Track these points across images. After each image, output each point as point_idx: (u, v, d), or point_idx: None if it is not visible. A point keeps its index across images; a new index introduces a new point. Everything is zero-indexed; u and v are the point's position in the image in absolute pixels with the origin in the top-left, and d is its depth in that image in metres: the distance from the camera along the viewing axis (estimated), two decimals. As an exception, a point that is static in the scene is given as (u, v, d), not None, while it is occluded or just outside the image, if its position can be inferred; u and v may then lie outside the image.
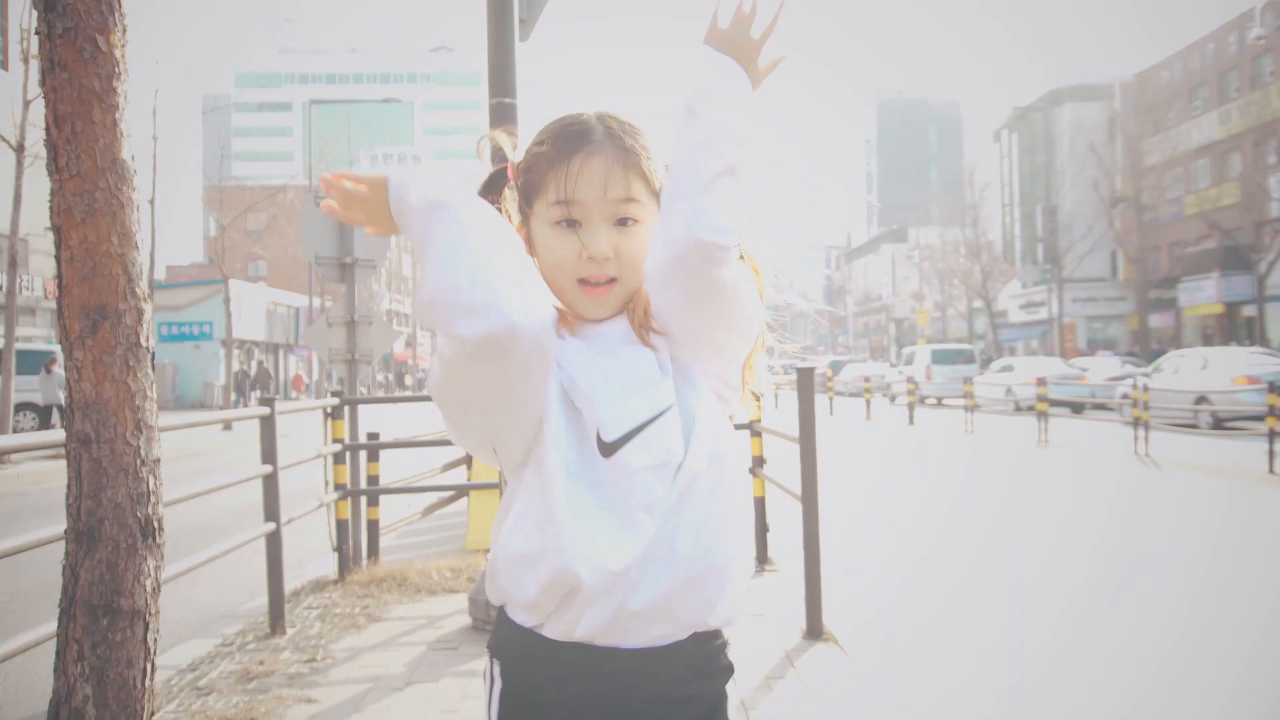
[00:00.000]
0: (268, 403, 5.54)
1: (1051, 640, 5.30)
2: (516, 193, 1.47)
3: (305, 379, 49.00)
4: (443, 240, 1.29)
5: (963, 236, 53.64)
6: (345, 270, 7.23)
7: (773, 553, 7.12)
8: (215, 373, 39.78)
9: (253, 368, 44.15)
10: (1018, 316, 54.01)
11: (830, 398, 29.86)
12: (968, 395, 21.38)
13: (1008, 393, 26.76)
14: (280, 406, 5.75)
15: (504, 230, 1.34)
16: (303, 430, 17.53)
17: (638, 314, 1.41)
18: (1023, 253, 52.87)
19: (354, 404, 7.01)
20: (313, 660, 5.00)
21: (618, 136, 1.41)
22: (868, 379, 27.64)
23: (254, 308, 44.32)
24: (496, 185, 1.50)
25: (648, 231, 1.39)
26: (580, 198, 1.37)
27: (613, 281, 1.40)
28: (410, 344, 67.46)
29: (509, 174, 1.48)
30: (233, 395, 34.08)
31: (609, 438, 1.34)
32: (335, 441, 6.82)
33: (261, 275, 58.52)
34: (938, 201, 73.33)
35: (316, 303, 40.82)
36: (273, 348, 48.81)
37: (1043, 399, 18.47)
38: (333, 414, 6.86)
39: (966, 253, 52.99)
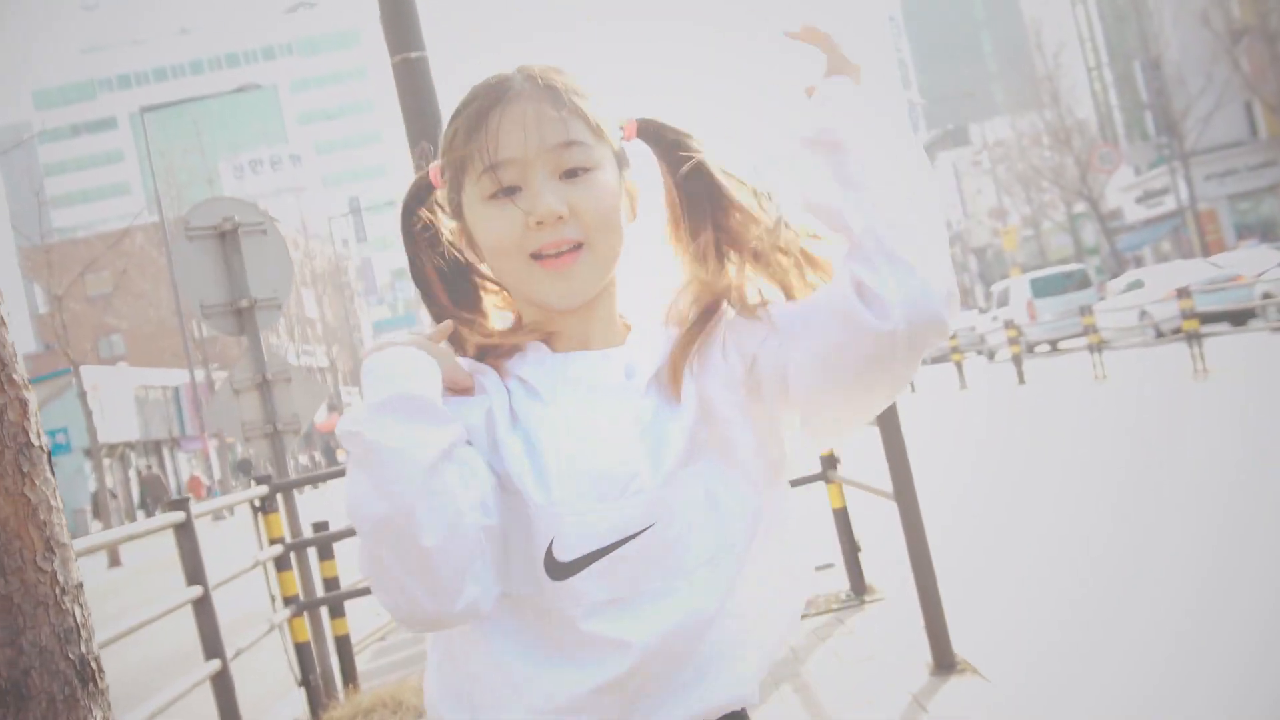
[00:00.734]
0: (179, 505, 5.73)
1: (1241, 642, 5.48)
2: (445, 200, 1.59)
3: (204, 479, 49.28)
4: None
5: (1043, 121, 53.94)
6: (243, 317, 7.43)
7: (872, 579, 7.30)
8: (82, 495, 40.04)
9: (132, 478, 44.42)
10: (1136, 214, 54.18)
11: (907, 369, 30.06)
12: (1089, 330, 21.59)
13: (1142, 316, 26.89)
14: (196, 508, 5.95)
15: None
16: (222, 539, 17.77)
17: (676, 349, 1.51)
18: (1127, 128, 53.08)
19: (287, 489, 7.21)
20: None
21: (539, 80, 1.50)
22: (953, 334, 27.86)
23: (119, 398, 44.66)
24: (422, 198, 1.62)
25: (606, 178, 1.50)
26: (509, 156, 1.46)
27: (578, 248, 1.48)
28: (334, 407, 67.76)
29: (432, 179, 1.59)
30: (103, 521, 34.30)
31: (564, 557, 1.43)
32: (274, 542, 7.01)
33: (120, 353, 58.95)
34: (999, 82, 73.66)
35: (200, 375, 41.09)
36: (153, 447, 49.14)
37: (1189, 315, 18.67)
38: (263, 507, 7.06)
39: (1052, 142, 53.30)
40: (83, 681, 2.79)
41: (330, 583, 7.45)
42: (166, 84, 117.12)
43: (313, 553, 7.48)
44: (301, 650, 7.04)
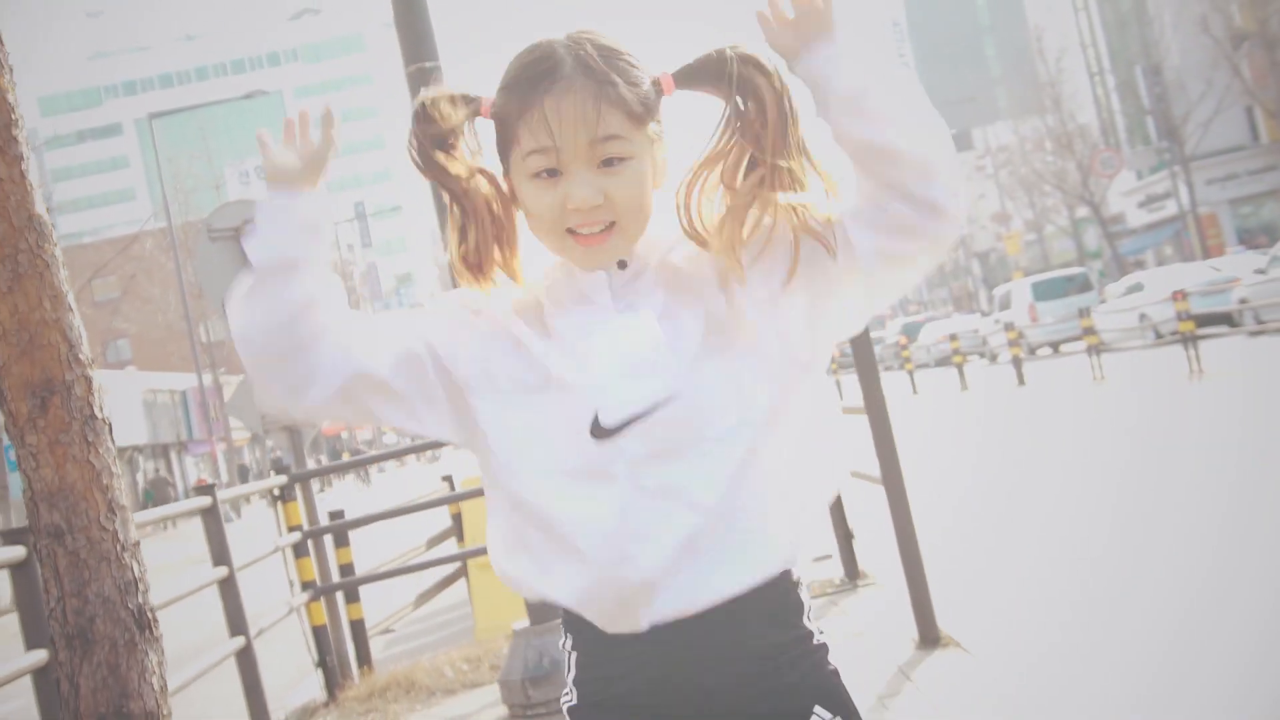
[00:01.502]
0: (206, 491, 6.06)
1: (1219, 623, 5.79)
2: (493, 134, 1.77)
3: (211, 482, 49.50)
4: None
5: (1045, 127, 54.21)
6: (262, 315, 7.74)
7: (866, 565, 7.59)
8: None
9: (140, 482, 44.75)
10: (1139, 219, 54.40)
11: (909, 371, 30.37)
12: (1088, 332, 21.86)
13: (1141, 319, 27.08)
14: (222, 494, 6.28)
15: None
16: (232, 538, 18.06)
17: (725, 243, 1.69)
18: (1129, 133, 53.34)
19: (305, 479, 7.53)
20: (325, 790, 5.51)
21: (590, 66, 1.65)
22: (954, 337, 28.15)
23: (127, 402, 44.99)
24: (431, 119, 1.77)
25: (640, 166, 1.69)
26: (553, 145, 1.64)
27: (610, 227, 1.68)
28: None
29: (482, 110, 1.78)
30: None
31: (608, 422, 1.69)
32: (292, 529, 7.34)
33: (126, 358, 59.36)
34: (1003, 87, 73.89)
35: (208, 379, 41.42)
36: (160, 450, 49.46)
37: (1185, 317, 18.96)
38: (282, 496, 7.38)
39: (1054, 147, 53.55)
40: (140, 629, 3.14)
41: (345, 569, 7.77)
42: (172, 90, 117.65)
43: (329, 541, 7.79)
44: (319, 633, 7.37)
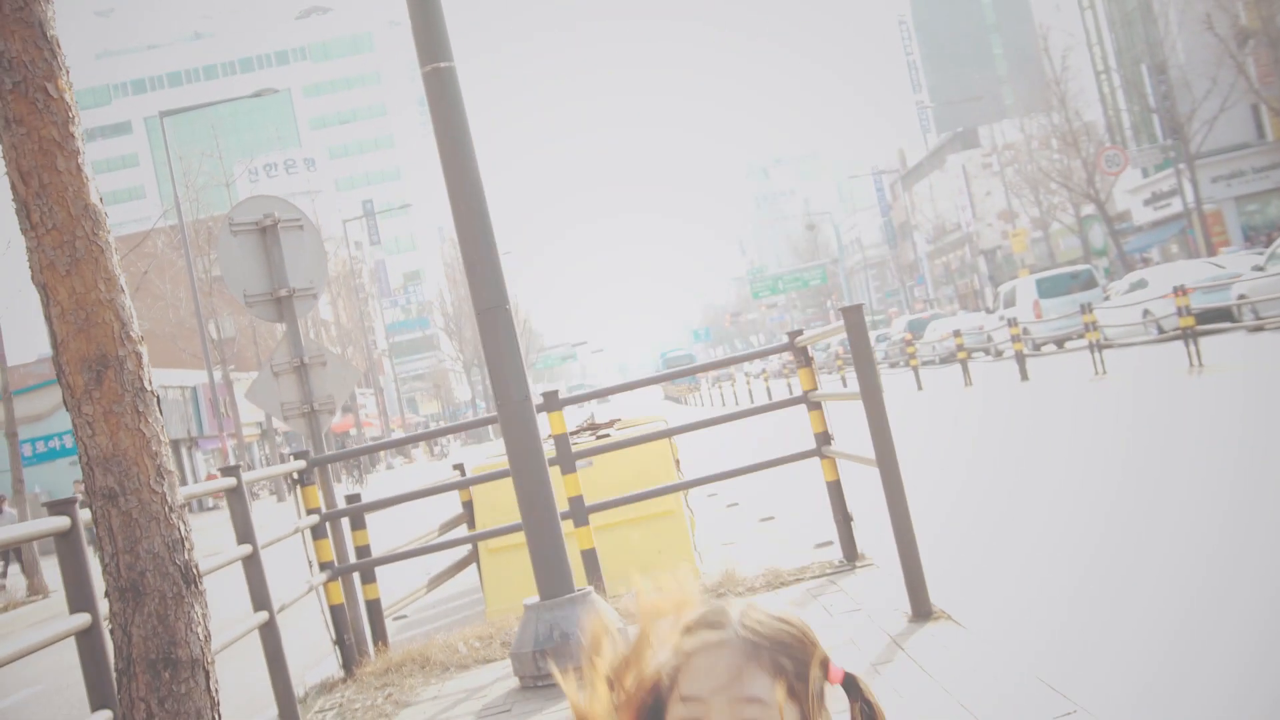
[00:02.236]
0: (231, 472, 6.34)
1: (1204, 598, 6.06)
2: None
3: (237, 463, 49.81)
4: None
5: (1051, 124, 54.42)
6: (282, 305, 8.06)
7: (865, 548, 7.87)
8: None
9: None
10: (1144, 216, 54.63)
11: (914, 368, 30.60)
12: (1090, 327, 22.09)
13: (1145, 316, 27.24)
14: (246, 475, 6.57)
15: None
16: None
17: None
18: (1135, 131, 53.55)
19: (324, 464, 7.82)
20: (345, 754, 5.80)
21: (755, 630, 1.68)
22: (958, 333, 28.38)
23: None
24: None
25: None
26: (703, 693, 1.64)
27: None
28: (347, 408, 68.33)
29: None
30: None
31: None
32: (311, 512, 7.63)
33: (136, 355, 59.54)
34: (1009, 85, 74.10)
35: (218, 375, 41.75)
36: (171, 446, 49.73)
37: (1186, 312, 19.21)
38: (301, 480, 7.67)
39: (1060, 145, 53.77)
40: (187, 583, 3.43)
41: (362, 550, 8.06)
42: (181, 89, 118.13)
43: (346, 524, 8.08)
44: (336, 612, 7.66)
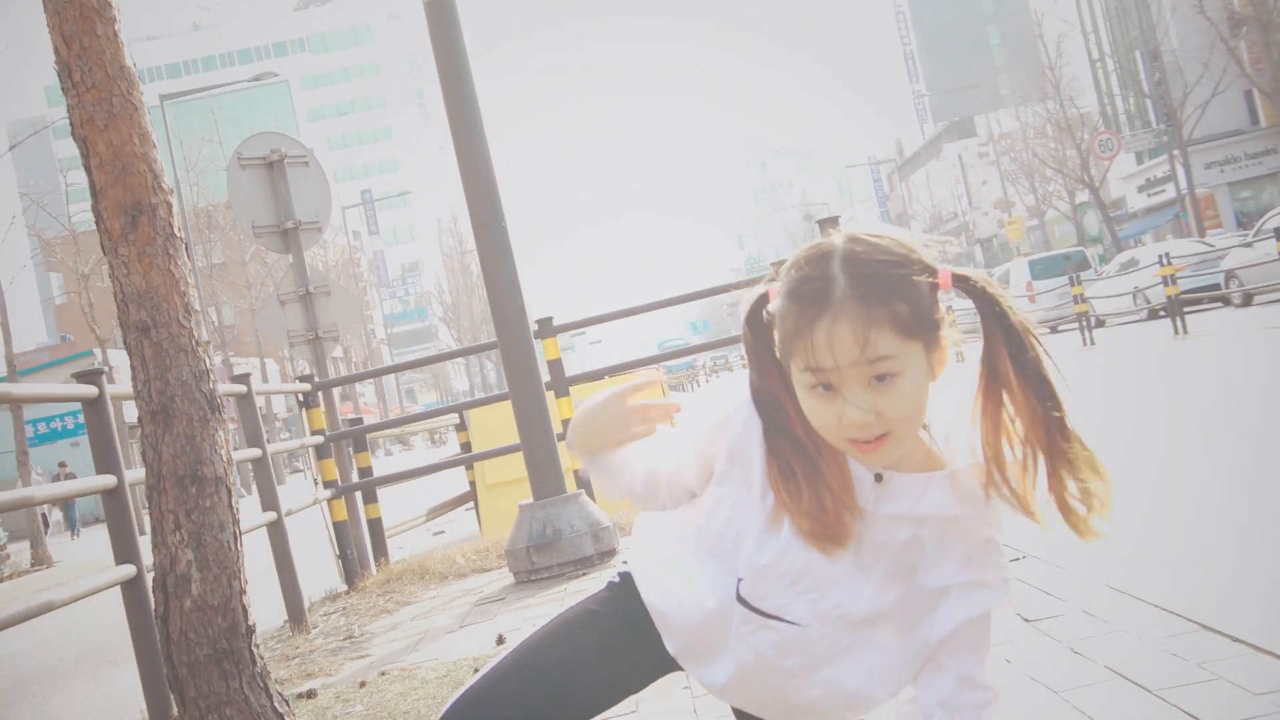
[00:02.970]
0: (241, 380, 6.72)
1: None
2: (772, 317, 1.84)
3: (248, 371, 50.23)
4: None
5: (1046, 112, 54.79)
6: (288, 237, 8.44)
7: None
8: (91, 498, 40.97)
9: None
10: (1139, 203, 54.99)
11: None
12: (1078, 299, 22.46)
13: (1136, 294, 27.61)
14: (256, 386, 6.95)
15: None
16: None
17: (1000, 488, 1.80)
18: (1129, 117, 53.89)
19: (327, 388, 8.20)
20: (351, 637, 6.19)
21: (862, 288, 1.69)
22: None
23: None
24: (762, 305, 1.88)
25: (913, 378, 1.72)
26: (829, 365, 1.69)
27: (883, 436, 1.72)
28: (349, 396, 68.42)
29: (770, 294, 1.85)
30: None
31: (744, 595, 1.91)
32: (315, 432, 8.01)
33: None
34: (1006, 74, 74.43)
35: (219, 360, 42.09)
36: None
37: (1171, 280, 19.62)
38: (306, 402, 8.06)
39: (1055, 132, 54.15)
40: (211, 410, 3.81)
41: (364, 472, 8.45)
42: (179, 80, 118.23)
43: (349, 447, 8.46)
44: (339, 528, 8.04)
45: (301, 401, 8.09)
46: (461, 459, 8.70)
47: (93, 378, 4.91)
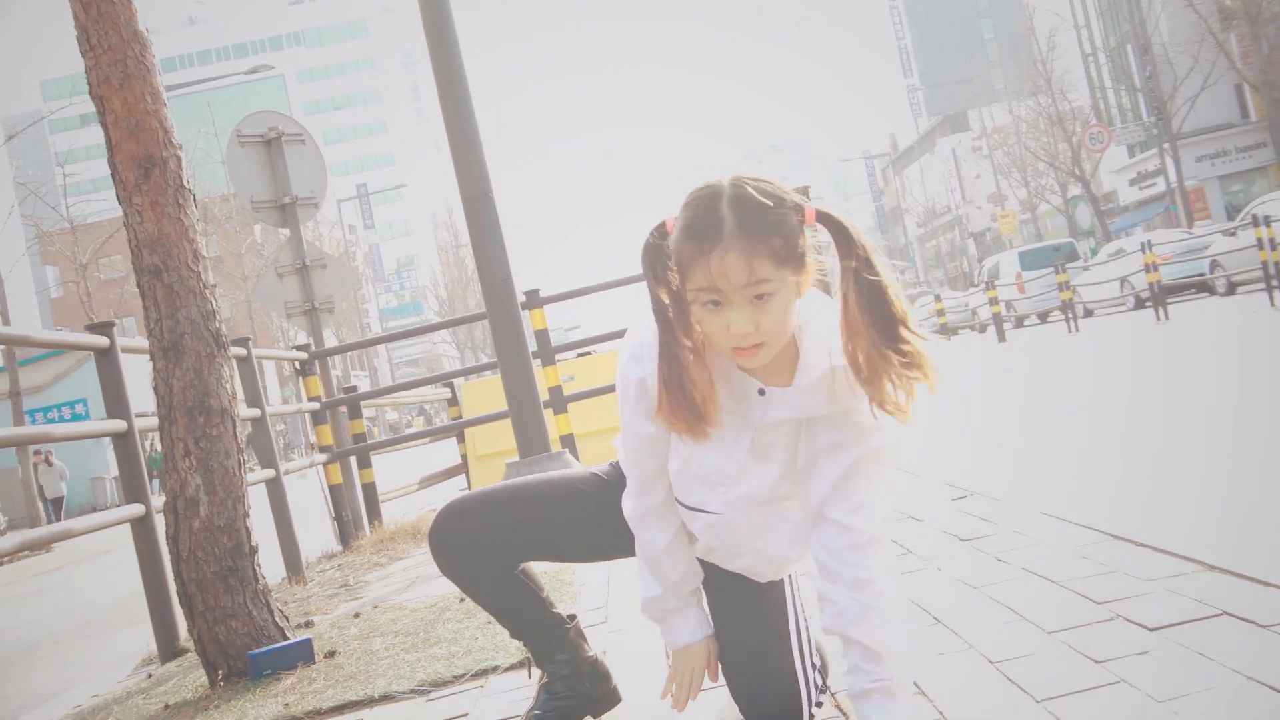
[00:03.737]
0: (242, 343, 7.06)
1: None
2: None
3: (247, 336, 50.30)
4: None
5: (1039, 106, 55.18)
6: (286, 212, 8.77)
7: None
8: (102, 463, 41.35)
9: (147, 450, 45.62)
10: (1129, 195, 55.33)
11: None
12: (1064, 286, 22.82)
13: (1123, 285, 27.92)
14: (256, 351, 7.28)
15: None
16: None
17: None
18: (1120, 111, 54.25)
19: (324, 356, 8.54)
20: (346, 586, 6.53)
21: (746, 226, 2.09)
22: (939, 298, 29.14)
23: (134, 377, 45.76)
24: (661, 236, 2.25)
25: (783, 297, 2.13)
26: (719, 287, 2.10)
27: (759, 345, 2.15)
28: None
29: (667, 227, 2.24)
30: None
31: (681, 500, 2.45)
32: (312, 399, 8.34)
33: (132, 336, 60.24)
34: (999, 69, 74.75)
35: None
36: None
37: (1153, 268, 20.00)
38: (303, 370, 8.39)
39: (1048, 126, 54.54)
40: (218, 347, 4.16)
41: (358, 437, 8.78)
42: (175, 74, 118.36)
43: (345, 414, 8.80)
44: (335, 491, 8.38)
45: (298, 370, 8.43)
46: (453, 425, 9.03)
47: (104, 329, 5.26)
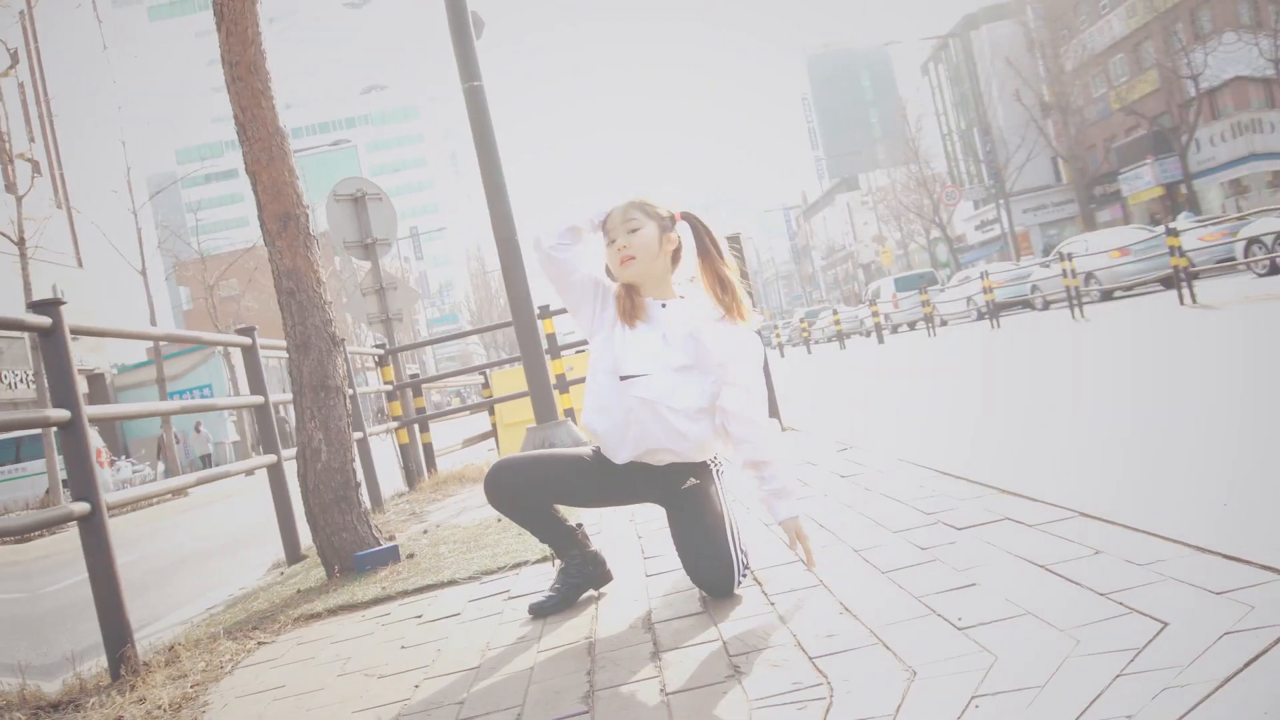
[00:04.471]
0: (246, 332, 6.85)
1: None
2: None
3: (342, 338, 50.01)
4: None
5: (909, 172, 55.62)
6: (368, 249, 9.02)
7: (792, 423, 8.62)
8: (223, 432, 41.31)
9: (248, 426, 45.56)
10: (975, 238, 55.95)
11: (805, 337, 31.76)
12: (925, 303, 23.19)
13: (968, 303, 28.39)
14: (351, 349, 7.51)
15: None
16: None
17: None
18: (969, 175, 54.80)
19: (395, 353, 8.79)
20: (414, 514, 6.79)
21: (631, 203, 2.82)
22: (836, 311, 29.50)
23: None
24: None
25: (648, 232, 2.79)
26: (611, 229, 2.82)
27: (632, 257, 2.78)
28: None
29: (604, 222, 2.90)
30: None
31: (623, 373, 2.76)
32: (387, 383, 8.60)
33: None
34: (881, 144, 75.24)
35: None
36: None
37: (989, 290, 20.41)
38: (381, 361, 8.64)
39: (916, 186, 54.97)
40: (334, 345, 4.43)
41: (420, 410, 9.03)
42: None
43: (410, 394, 9.04)
44: (404, 450, 8.63)
45: (377, 361, 8.68)
46: (487, 402, 9.32)
47: (248, 331, 5.49)
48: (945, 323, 30.03)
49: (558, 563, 3.20)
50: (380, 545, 4.53)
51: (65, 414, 3.23)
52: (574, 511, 4.92)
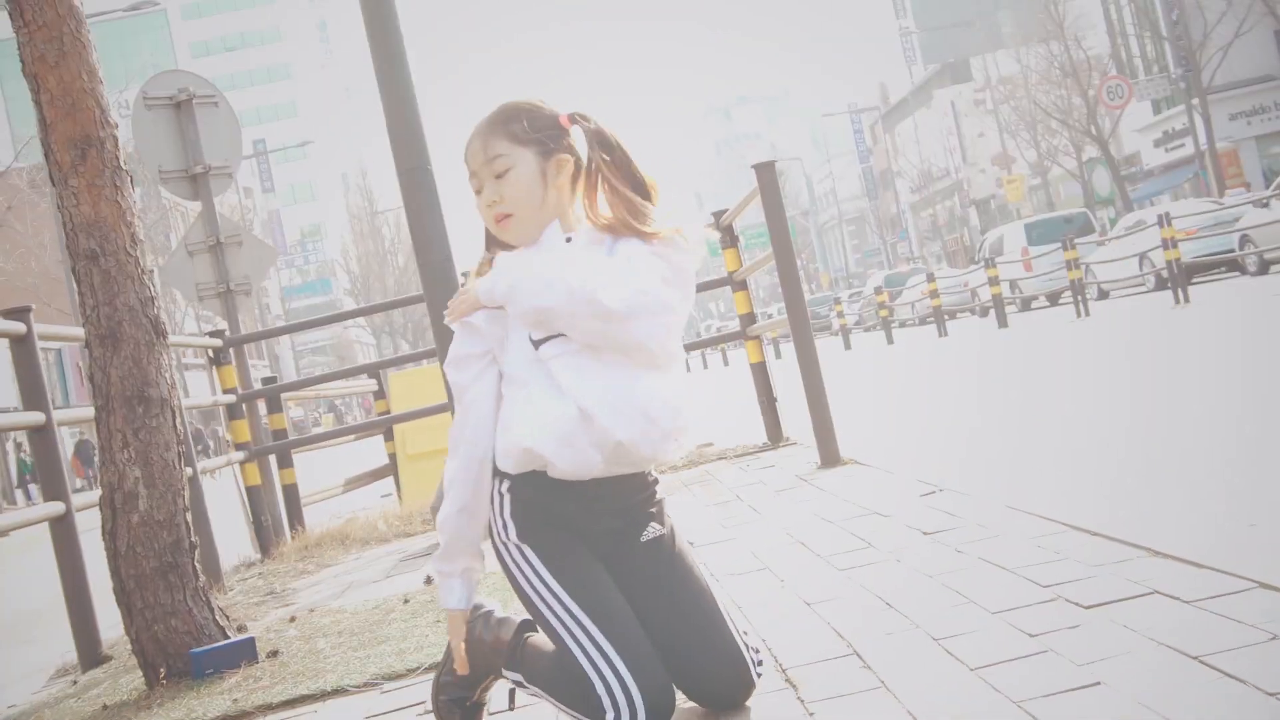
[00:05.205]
0: (17, 314, 7.22)
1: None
2: None
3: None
4: None
5: (1051, 55, 55.90)
6: (197, 183, 9.27)
7: (790, 432, 9.14)
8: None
9: (13, 453, 45.72)
10: (1155, 159, 56.10)
11: (884, 317, 32.08)
12: (1072, 265, 23.46)
13: (1142, 263, 28.18)
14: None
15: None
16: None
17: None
18: (1145, 62, 55.04)
19: (240, 344, 9.06)
20: (273, 593, 7.07)
21: (490, 119, 2.97)
22: (931, 278, 29.80)
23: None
24: None
25: (522, 171, 2.95)
26: (471, 170, 2.99)
27: (509, 216, 2.96)
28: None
29: None
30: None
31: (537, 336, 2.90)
32: (228, 391, 8.87)
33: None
34: (1007, 10, 75.48)
35: (89, 334, 42.30)
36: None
37: (1171, 244, 20.65)
38: (217, 359, 8.91)
39: (1061, 79, 55.26)
40: (157, 334, 4.72)
41: (278, 434, 9.30)
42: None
43: (262, 407, 9.31)
44: (253, 493, 8.90)
45: (211, 359, 8.94)
46: (381, 420, 9.56)
47: (20, 314, 5.78)
48: (1105, 294, 30.26)
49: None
50: (228, 638, 4.78)
51: None
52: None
